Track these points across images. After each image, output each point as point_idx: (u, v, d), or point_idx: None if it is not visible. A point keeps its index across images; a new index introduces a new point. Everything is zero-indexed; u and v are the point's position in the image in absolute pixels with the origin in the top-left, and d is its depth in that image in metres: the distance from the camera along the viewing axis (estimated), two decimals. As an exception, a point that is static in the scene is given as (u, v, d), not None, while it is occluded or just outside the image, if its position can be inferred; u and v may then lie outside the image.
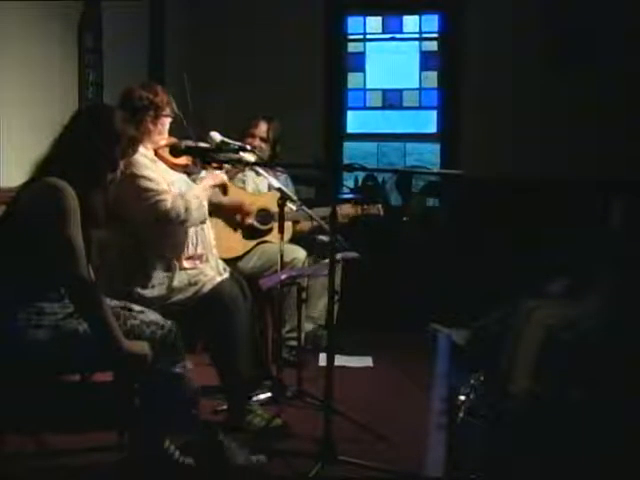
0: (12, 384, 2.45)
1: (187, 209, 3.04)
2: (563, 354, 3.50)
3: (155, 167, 3.11)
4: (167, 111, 3.16)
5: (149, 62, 5.08)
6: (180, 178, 3.23)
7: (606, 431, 3.11)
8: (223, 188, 3.38)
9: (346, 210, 4.19)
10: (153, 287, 3.03)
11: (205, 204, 3.17)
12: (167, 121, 3.19)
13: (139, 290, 3.01)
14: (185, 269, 3.08)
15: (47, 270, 2.38)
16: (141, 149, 3.10)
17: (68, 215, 2.34)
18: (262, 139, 4.24)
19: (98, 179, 2.50)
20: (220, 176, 3.31)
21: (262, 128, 4.27)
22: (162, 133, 3.18)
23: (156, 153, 3.17)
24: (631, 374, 3.35)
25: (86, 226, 2.41)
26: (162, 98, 3.14)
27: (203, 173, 3.37)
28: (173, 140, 3.18)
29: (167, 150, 3.10)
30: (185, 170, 3.28)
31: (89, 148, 2.46)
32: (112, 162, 2.51)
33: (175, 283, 3.04)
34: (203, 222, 3.16)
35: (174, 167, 3.21)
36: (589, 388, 3.38)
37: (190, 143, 3.18)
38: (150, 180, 3.03)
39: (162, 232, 3.07)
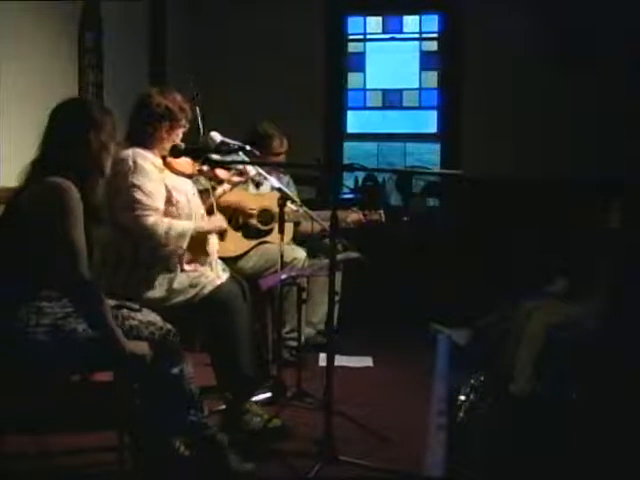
0: (11, 384, 2.45)
1: (167, 233, 3.00)
2: (563, 354, 3.51)
3: (159, 177, 3.08)
4: (182, 122, 3.13)
5: (149, 62, 5.08)
6: (186, 184, 3.21)
7: (606, 431, 3.11)
8: (221, 234, 3.38)
9: (352, 216, 4.19)
10: (154, 288, 3.03)
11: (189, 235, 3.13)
12: (181, 131, 3.15)
13: (139, 290, 3.01)
14: (186, 271, 3.08)
15: (47, 269, 2.38)
16: (151, 156, 3.09)
17: (73, 215, 2.34)
18: (277, 154, 4.30)
19: (92, 172, 2.49)
20: (221, 225, 3.29)
21: (285, 147, 4.33)
22: (174, 142, 3.14)
23: (164, 160, 3.15)
24: (631, 374, 3.35)
25: (87, 224, 2.41)
26: (180, 107, 3.11)
27: (202, 180, 3.36)
28: (177, 143, 3.15)
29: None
30: (191, 177, 3.26)
31: (76, 142, 2.45)
32: (102, 151, 2.50)
33: (175, 285, 3.04)
34: (179, 248, 3.11)
35: (180, 174, 3.20)
36: (589, 388, 3.38)
37: (192, 145, 3.16)
38: (144, 193, 3.00)
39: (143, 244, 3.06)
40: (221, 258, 3.33)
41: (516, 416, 3.40)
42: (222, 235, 3.41)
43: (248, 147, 3.34)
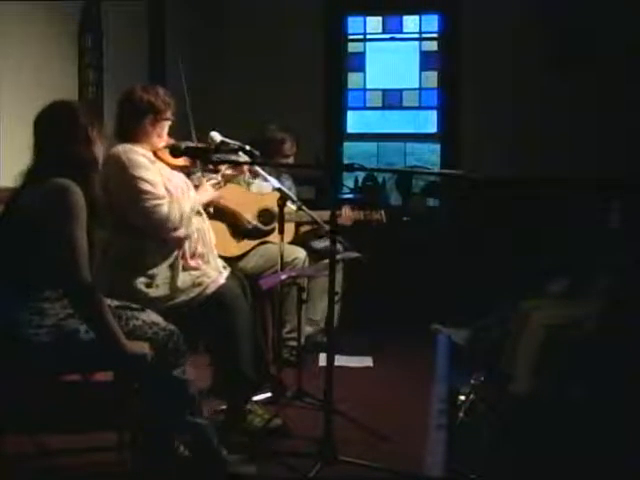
0: (13, 384, 2.45)
1: (182, 217, 3.03)
2: (563, 354, 3.50)
3: (154, 168, 3.10)
4: (167, 115, 3.14)
5: (149, 62, 5.08)
6: (179, 178, 3.22)
7: (606, 431, 3.11)
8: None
9: (347, 214, 4.18)
10: (157, 287, 3.02)
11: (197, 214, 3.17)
12: (166, 124, 3.17)
13: (142, 289, 3.00)
14: (188, 269, 3.07)
15: (49, 270, 2.38)
16: (140, 149, 3.10)
17: (78, 218, 2.34)
18: (287, 156, 4.30)
19: (89, 167, 2.49)
20: (215, 194, 3.30)
21: (294, 150, 4.33)
22: (161, 136, 3.15)
23: (155, 154, 3.16)
24: (631, 374, 3.35)
25: (90, 224, 2.41)
26: (163, 101, 3.11)
27: (199, 174, 3.36)
28: (172, 141, 3.16)
29: (166, 151, 3.09)
30: (184, 171, 3.26)
31: (69, 141, 2.46)
32: (94, 145, 2.50)
33: (179, 283, 3.03)
34: (193, 231, 3.13)
35: (173, 168, 3.20)
36: (589, 388, 3.38)
37: (190, 144, 3.17)
38: (149, 183, 3.01)
39: (154, 235, 3.06)
40: (221, 258, 3.33)
41: (516, 416, 3.40)
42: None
43: (248, 147, 3.33)
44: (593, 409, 3.29)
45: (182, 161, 3.19)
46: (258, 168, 3.50)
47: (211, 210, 3.40)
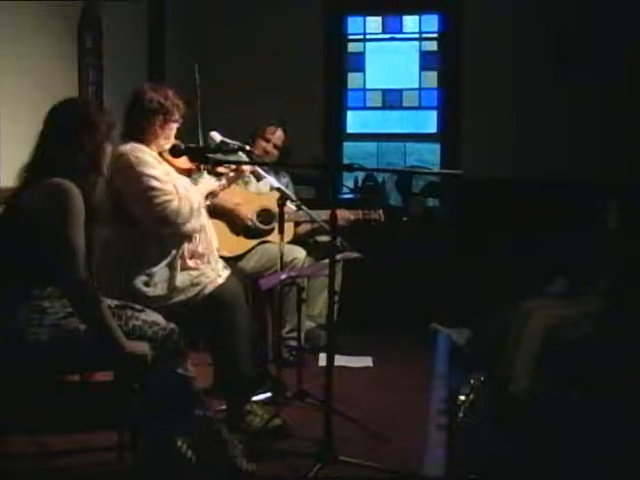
0: (12, 383, 2.45)
1: (192, 210, 3.04)
2: (563, 354, 3.51)
3: (161, 167, 3.10)
4: (176, 116, 3.14)
5: (149, 62, 5.08)
6: (184, 181, 3.22)
7: (606, 431, 3.11)
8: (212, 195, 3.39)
9: (344, 215, 4.17)
10: (155, 285, 3.03)
11: (203, 208, 3.18)
12: (174, 126, 3.16)
13: (141, 288, 3.01)
14: (187, 269, 3.08)
15: (49, 269, 2.38)
16: (147, 149, 3.10)
17: (74, 216, 2.34)
18: (275, 146, 4.28)
19: (89, 171, 2.49)
20: (214, 185, 3.29)
21: (278, 135, 4.31)
22: (168, 138, 3.15)
23: (160, 155, 3.16)
24: (630, 374, 3.35)
25: (87, 224, 2.41)
26: (172, 102, 3.11)
27: (205, 175, 3.35)
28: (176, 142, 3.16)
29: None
30: (189, 174, 3.26)
31: (71, 143, 2.45)
32: (97, 151, 2.50)
33: (177, 283, 3.04)
34: (202, 225, 3.15)
35: (178, 171, 3.20)
36: (589, 388, 3.38)
37: (191, 144, 3.16)
38: (157, 179, 3.01)
39: (164, 231, 3.06)
40: (221, 257, 3.33)
41: (516, 416, 3.40)
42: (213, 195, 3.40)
43: (248, 147, 3.34)
44: (593, 409, 3.29)
45: (187, 164, 3.19)
46: (257, 167, 3.50)
47: (207, 203, 3.40)
